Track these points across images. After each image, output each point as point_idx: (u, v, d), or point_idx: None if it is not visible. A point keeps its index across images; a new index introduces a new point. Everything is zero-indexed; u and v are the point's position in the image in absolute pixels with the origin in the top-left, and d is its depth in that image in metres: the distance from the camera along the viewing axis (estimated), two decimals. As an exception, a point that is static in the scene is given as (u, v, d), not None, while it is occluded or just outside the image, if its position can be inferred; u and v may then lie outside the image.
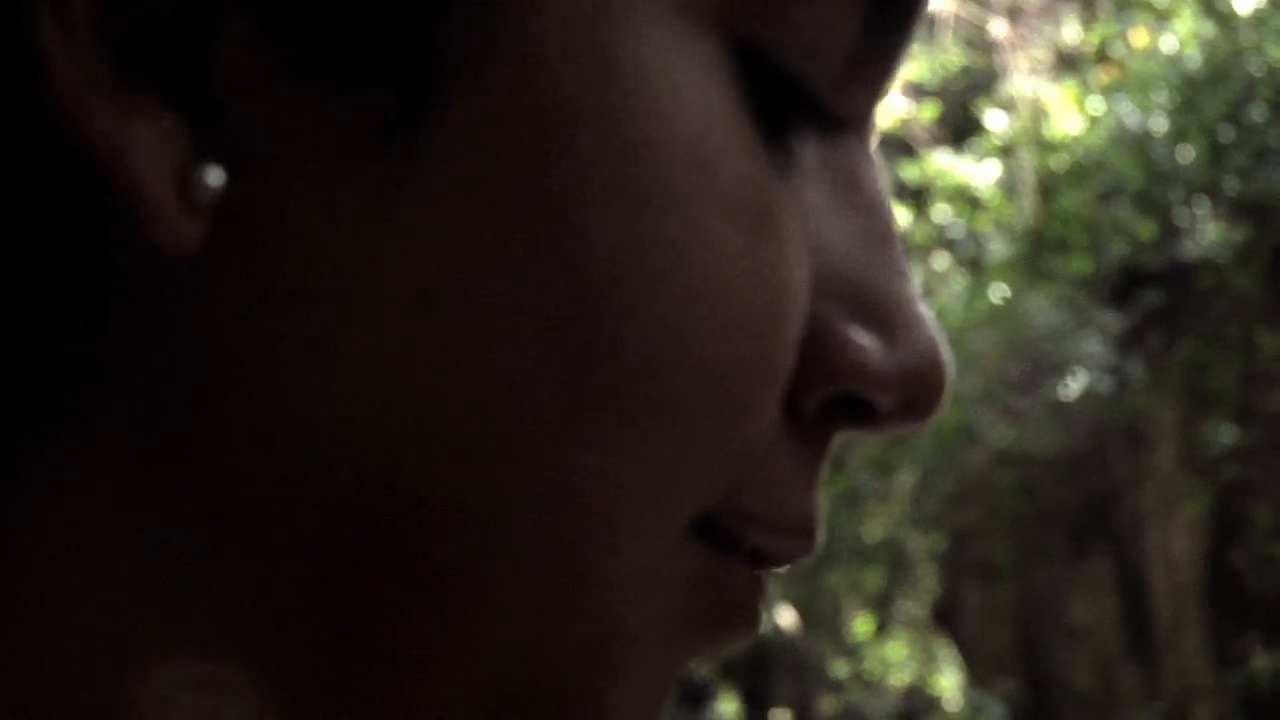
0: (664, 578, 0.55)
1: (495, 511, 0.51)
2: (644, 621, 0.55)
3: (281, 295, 0.50)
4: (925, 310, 0.58)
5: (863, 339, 0.56)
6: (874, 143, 0.60)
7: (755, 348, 0.53)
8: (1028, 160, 8.79)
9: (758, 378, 0.53)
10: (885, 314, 0.57)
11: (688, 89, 0.52)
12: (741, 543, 0.56)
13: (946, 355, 0.58)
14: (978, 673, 10.29)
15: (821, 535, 0.58)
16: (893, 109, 8.44)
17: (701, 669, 11.26)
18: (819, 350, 0.55)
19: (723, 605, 0.57)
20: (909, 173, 9.15)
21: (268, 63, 0.50)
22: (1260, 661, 8.47)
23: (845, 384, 0.56)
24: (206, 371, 0.51)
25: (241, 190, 0.50)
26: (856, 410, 0.57)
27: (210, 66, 0.50)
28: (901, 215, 9.44)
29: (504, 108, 0.50)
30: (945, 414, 7.55)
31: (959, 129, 9.50)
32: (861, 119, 0.58)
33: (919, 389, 0.57)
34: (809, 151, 0.56)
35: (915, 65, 9.07)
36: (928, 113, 8.77)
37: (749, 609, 0.58)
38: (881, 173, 0.60)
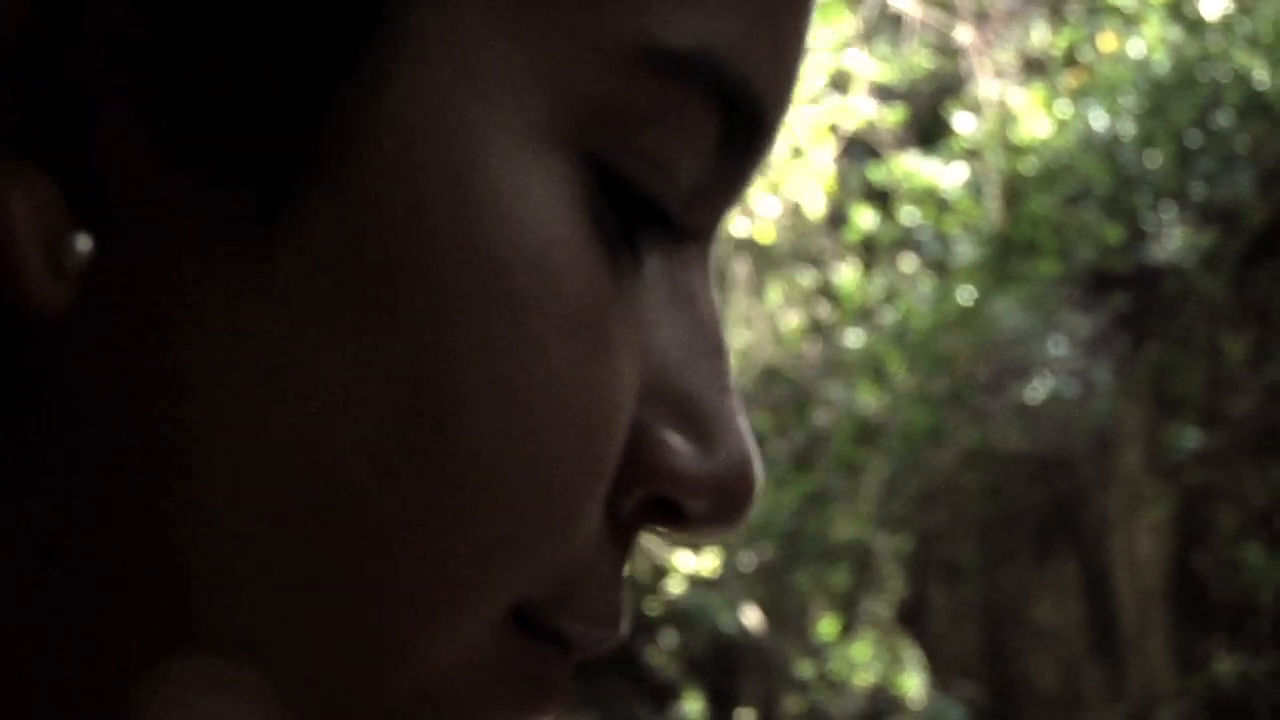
0: (478, 659, 0.57)
1: (310, 581, 0.54)
2: (454, 697, 0.57)
3: (139, 363, 0.53)
4: (744, 423, 0.61)
5: (680, 446, 0.59)
6: (710, 257, 0.62)
7: (582, 454, 0.55)
8: (995, 163, 8.80)
9: (583, 483, 0.56)
10: (705, 424, 0.60)
11: (537, 206, 0.54)
12: (556, 633, 0.59)
13: (758, 468, 0.61)
14: (943, 674, 10.31)
15: (627, 624, 0.61)
16: (860, 111, 8.43)
17: (668, 669, 11.24)
18: (639, 454, 0.58)
19: (535, 688, 0.60)
20: (876, 175, 9.16)
21: (144, 144, 0.52)
22: (1224, 665, 8.51)
23: (660, 487, 0.59)
24: (64, 434, 0.54)
25: (113, 262, 0.53)
26: (668, 512, 0.61)
27: (91, 143, 0.52)
28: (868, 218, 9.45)
29: (363, 209, 0.53)
30: (914, 415, 7.58)
31: (926, 132, 9.51)
32: (706, 234, 0.61)
33: (727, 498, 0.60)
34: (654, 259, 0.59)
35: (883, 67, 9.07)
36: (895, 116, 8.76)
37: (560, 690, 0.61)
38: (713, 288, 0.62)
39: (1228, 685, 8.52)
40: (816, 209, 9.06)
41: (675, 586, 9.16)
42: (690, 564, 8.17)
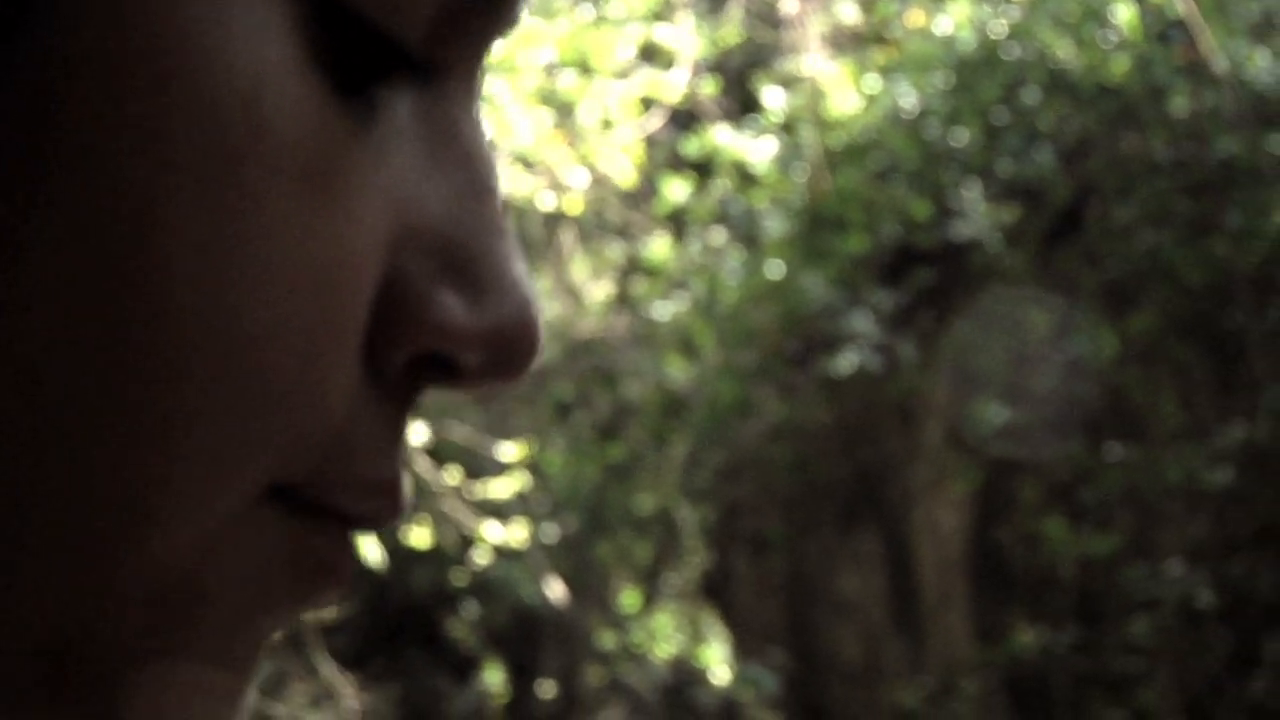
0: (240, 542, 0.54)
1: (27, 480, 0.50)
2: (216, 582, 0.53)
3: None
4: (521, 268, 0.58)
5: (446, 297, 0.56)
6: (479, 91, 0.58)
7: (318, 315, 0.52)
8: (806, 138, 8.84)
9: (323, 345, 0.52)
10: (476, 271, 0.57)
11: (242, 39, 0.50)
12: (325, 507, 0.56)
13: (537, 315, 0.58)
14: (746, 645, 10.37)
15: (408, 495, 0.57)
16: (679, 83, 8.41)
17: (468, 640, 11.19)
18: (400, 309, 0.55)
19: (308, 568, 0.56)
20: (690, 147, 9.16)
21: None
22: (1024, 637, 8.64)
23: (427, 343, 0.56)
24: None
25: None
26: (442, 368, 0.57)
27: None
28: (682, 189, 9.45)
29: (45, 56, 0.49)
30: (721, 388, 7.56)
31: (746, 104, 9.53)
32: (464, 68, 0.57)
33: (505, 348, 0.57)
34: (402, 104, 0.55)
35: (693, 40, 9.06)
36: (708, 87, 8.76)
37: (336, 570, 0.57)
38: (483, 125, 0.58)
39: (1027, 658, 8.66)
40: (626, 181, 9.03)
41: (482, 558, 9.10)
42: (498, 535, 8.10)
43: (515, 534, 8.29)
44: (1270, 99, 8.26)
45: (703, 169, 9.37)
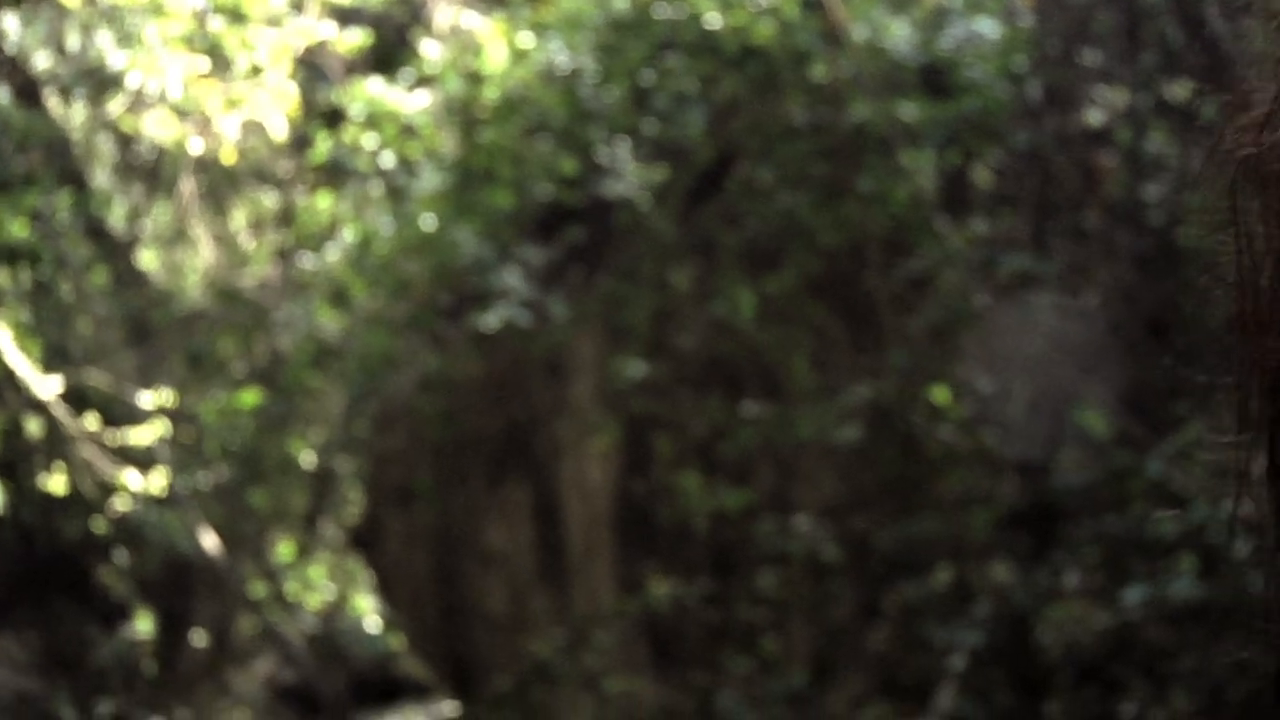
0: None
1: None
2: None
3: None
4: None
5: None
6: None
7: None
8: (456, 92, 8.87)
9: None
10: None
11: None
12: None
13: None
14: (396, 596, 10.41)
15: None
16: (315, 31, 8.37)
17: (117, 587, 11.07)
18: None
19: None
20: (341, 99, 9.13)
21: None
22: (659, 589, 8.82)
23: None
24: None
25: None
26: None
27: None
28: (336, 141, 9.42)
29: None
30: (373, 339, 7.56)
31: (383, 57, 9.52)
32: None
33: None
34: None
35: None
36: (360, 40, 8.73)
37: None
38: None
39: (662, 608, 8.84)
40: (279, 132, 8.98)
41: (123, 505, 9.00)
42: (137, 482, 8.05)
43: (155, 482, 8.24)
44: (906, 67, 8.52)
45: (358, 121, 9.34)
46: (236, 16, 8.47)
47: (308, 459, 10.72)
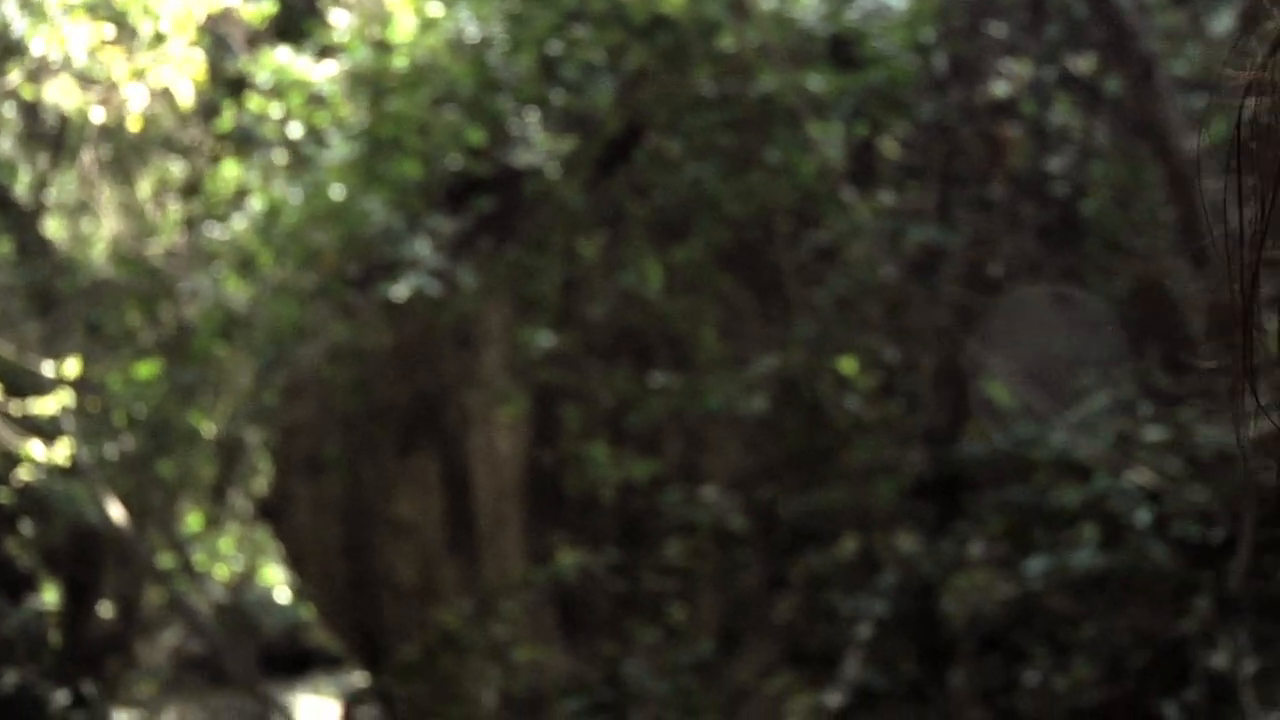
0: None
1: None
2: None
3: None
4: None
5: None
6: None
7: None
8: (363, 61, 8.82)
9: None
10: None
11: None
12: None
13: None
14: (305, 567, 10.38)
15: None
16: (226, 1, 8.30)
17: (23, 558, 10.99)
18: None
19: None
20: (247, 66, 9.07)
21: None
22: (567, 558, 8.83)
23: None
24: None
25: None
26: None
27: None
28: (244, 110, 9.35)
29: None
30: (281, 309, 7.52)
31: (290, 25, 9.45)
32: None
33: None
34: None
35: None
36: (266, 8, 8.66)
37: None
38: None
39: (570, 577, 8.86)
40: (186, 100, 8.91)
41: (28, 475, 8.92)
42: (42, 453, 7.96)
43: (61, 452, 8.16)
44: (814, 38, 8.54)
45: (265, 90, 9.27)
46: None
47: (216, 429, 10.67)
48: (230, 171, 9.78)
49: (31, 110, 9.92)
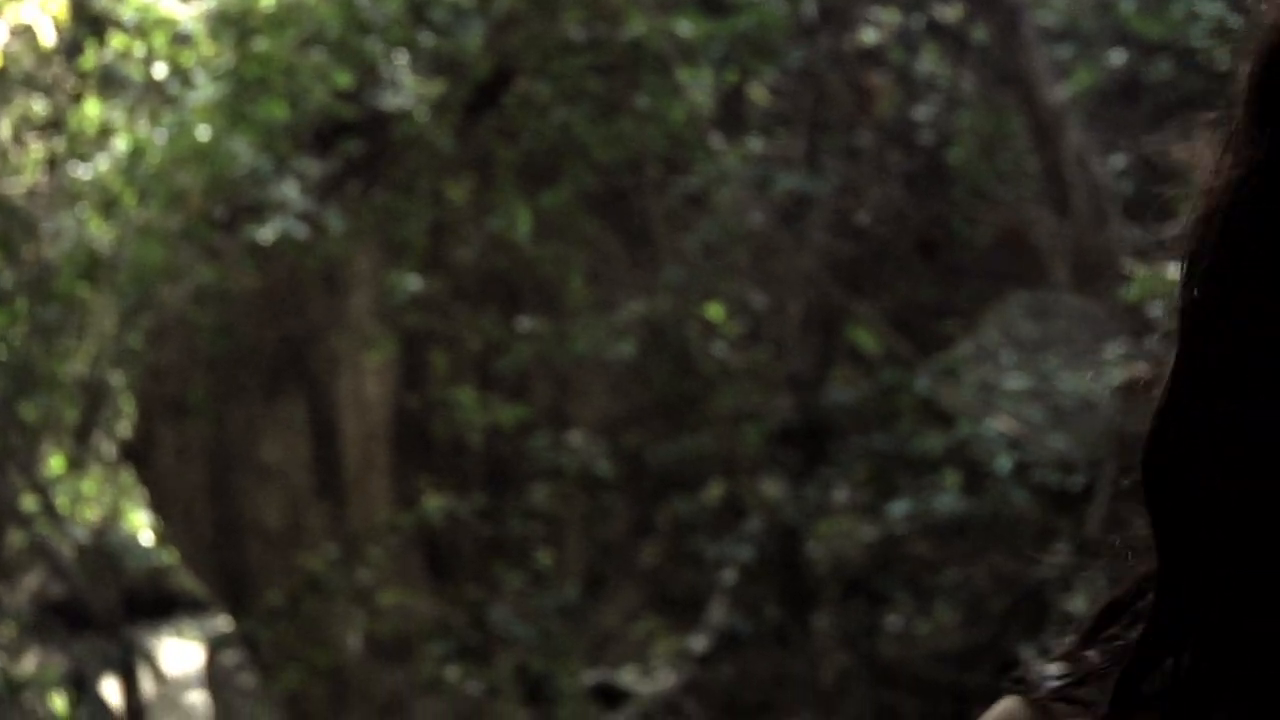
0: None
1: None
2: None
3: None
4: None
5: None
6: None
7: None
8: (229, 0, 8.73)
9: None
10: None
11: None
12: None
13: None
14: (169, 510, 10.31)
15: None
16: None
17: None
18: None
19: None
20: (111, 4, 8.95)
21: None
22: (433, 503, 8.82)
23: None
24: None
25: None
26: None
27: None
28: (108, 48, 9.23)
29: None
30: (145, 250, 7.45)
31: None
32: None
33: None
34: None
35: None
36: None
37: None
38: None
39: (437, 522, 8.85)
40: (48, 37, 8.79)
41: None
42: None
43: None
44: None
45: (129, 28, 9.15)
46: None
47: (79, 371, 10.54)
48: (93, 110, 9.65)
49: (-111, 46, 9.73)
